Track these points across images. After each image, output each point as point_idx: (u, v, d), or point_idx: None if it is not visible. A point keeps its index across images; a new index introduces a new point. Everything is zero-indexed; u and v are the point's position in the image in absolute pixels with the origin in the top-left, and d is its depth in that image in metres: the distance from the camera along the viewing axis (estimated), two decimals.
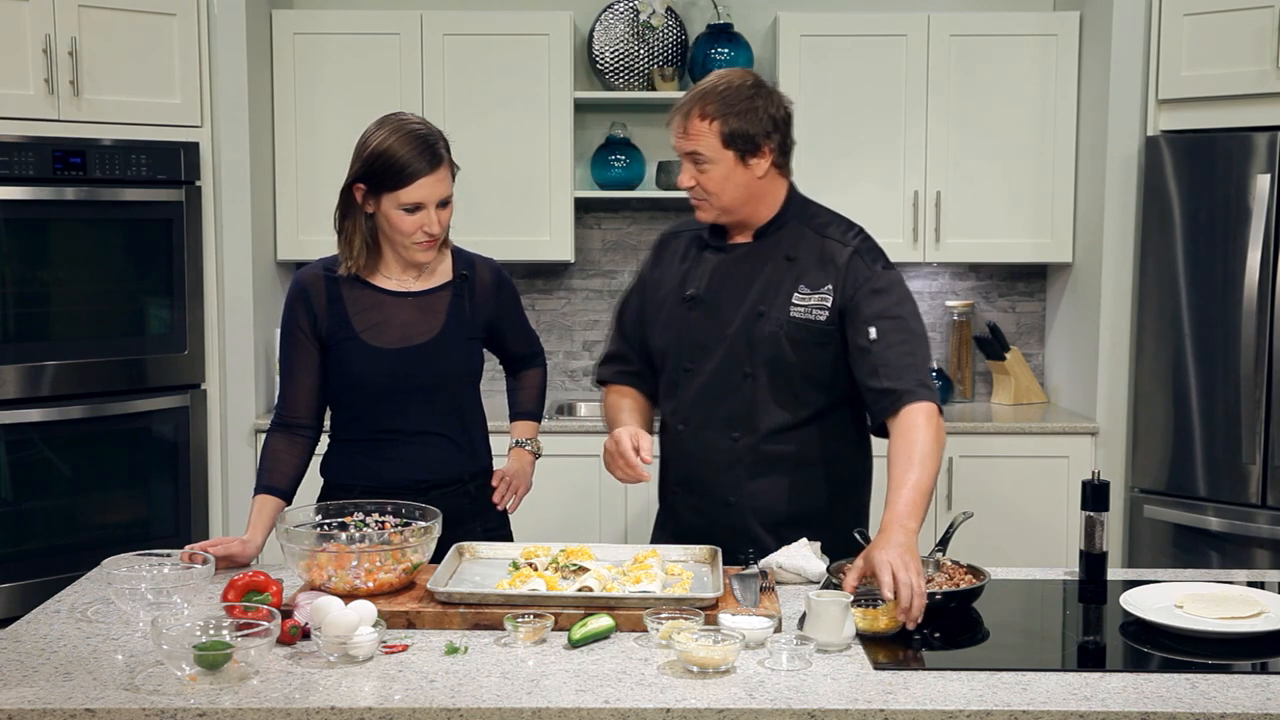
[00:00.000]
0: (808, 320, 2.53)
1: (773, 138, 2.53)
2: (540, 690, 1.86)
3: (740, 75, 2.55)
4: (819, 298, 2.54)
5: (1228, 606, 2.18)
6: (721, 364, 2.57)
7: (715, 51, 4.60)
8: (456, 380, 2.67)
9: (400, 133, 2.53)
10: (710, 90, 2.50)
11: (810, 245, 2.59)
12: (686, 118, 2.50)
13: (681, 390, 2.62)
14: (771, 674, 1.93)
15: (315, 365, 2.64)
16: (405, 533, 2.27)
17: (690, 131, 2.50)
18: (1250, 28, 3.94)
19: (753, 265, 2.59)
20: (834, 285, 2.54)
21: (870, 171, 4.54)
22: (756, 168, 2.53)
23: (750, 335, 2.55)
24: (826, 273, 2.56)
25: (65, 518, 4.06)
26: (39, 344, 3.96)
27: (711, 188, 2.52)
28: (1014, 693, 1.86)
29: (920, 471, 2.34)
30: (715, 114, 2.48)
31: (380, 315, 2.62)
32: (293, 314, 2.65)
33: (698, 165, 2.51)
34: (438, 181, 2.54)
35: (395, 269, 2.65)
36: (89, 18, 3.95)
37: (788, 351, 2.53)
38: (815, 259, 2.57)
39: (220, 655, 1.89)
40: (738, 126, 2.48)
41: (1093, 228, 4.41)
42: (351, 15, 4.56)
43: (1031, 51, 4.52)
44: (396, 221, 2.55)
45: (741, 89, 2.50)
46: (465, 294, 2.68)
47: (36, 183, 3.90)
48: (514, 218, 4.53)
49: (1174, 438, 4.11)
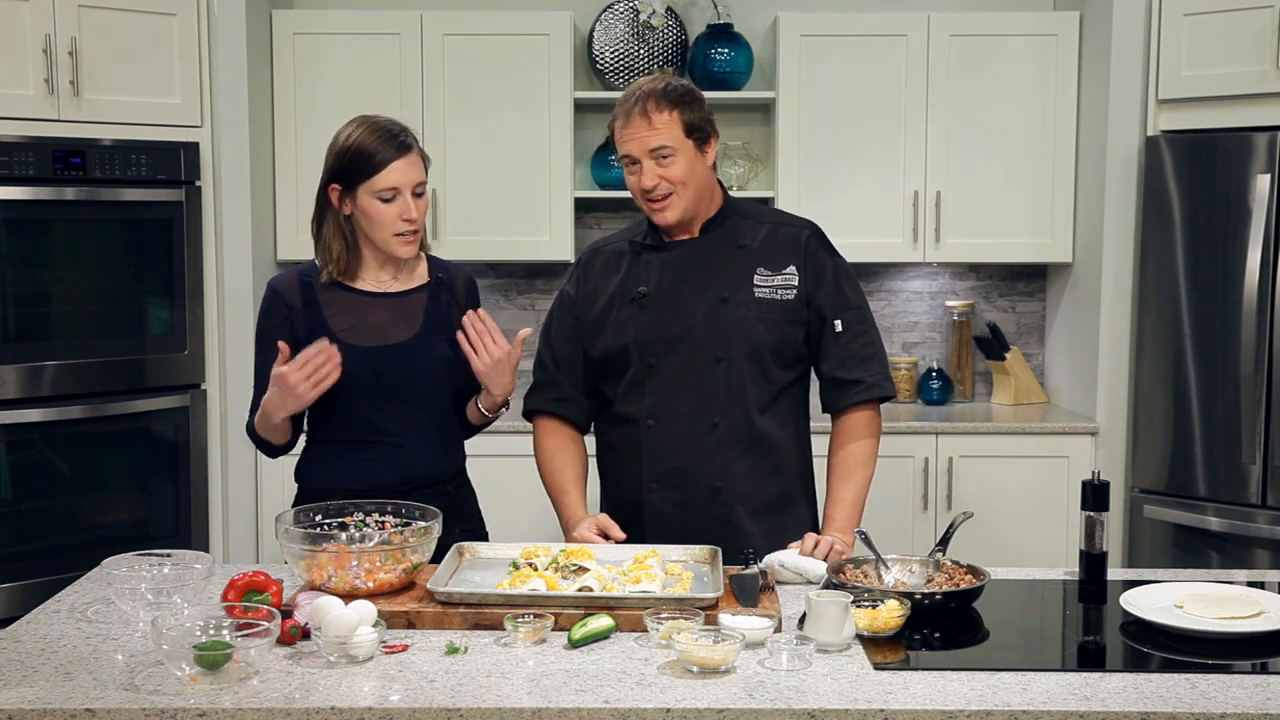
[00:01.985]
0: (774, 299, 2.63)
1: (713, 125, 2.63)
2: (540, 690, 1.86)
3: (664, 75, 2.63)
4: (783, 278, 2.64)
5: (1228, 606, 2.18)
6: (689, 354, 2.62)
7: (715, 51, 4.60)
8: (433, 381, 2.66)
9: (367, 125, 2.58)
10: (654, 88, 2.58)
11: (757, 234, 2.69)
12: (646, 114, 2.55)
13: (648, 387, 2.65)
14: (771, 674, 1.93)
15: None
16: (405, 533, 2.27)
17: (655, 124, 2.55)
18: (1250, 28, 3.95)
19: (706, 257, 2.66)
20: (797, 266, 2.65)
21: (870, 171, 4.54)
22: (707, 156, 2.62)
23: (719, 320, 2.61)
24: (786, 255, 2.65)
25: (65, 518, 4.06)
26: (39, 344, 3.96)
27: (678, 178, 2.58)
28: (1014, 693, 1.86)
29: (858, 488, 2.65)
30: (672, 105, 2.56)
31: (357, 315, 2.63)
32: (267, 320, 2.66)
33: (662, 160, 2.57)
34: (409, 166, 2.57)
35: (373, 270, 2.66)
36: (89, 18, 3.95)
37: (759, 330, 2.61)
38: (767, 244, 2.67)
39: (220, 655, 1.89)
40: (693, 116, 2.58)
41: (1093, 228, 4.42)
42: (351, 15, 4.56)
43: (1031, 51, 4.52)
44: (375, 214, 2.56)
45: (679, 84, 2.61)
46: (441, 296, 2.70)
47: (36, 183, 3.90)
48: (514, 218, 4.53)
49: (1174, 438, 4.11)
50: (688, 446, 2.63)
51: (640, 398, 2.66)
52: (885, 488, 4.09)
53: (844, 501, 2.63)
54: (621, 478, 2.72)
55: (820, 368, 2.69)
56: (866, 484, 2.67)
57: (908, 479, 4.37)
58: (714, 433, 2.62)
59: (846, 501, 2.63)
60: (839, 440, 2.69)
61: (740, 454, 2.63)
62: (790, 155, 4.54)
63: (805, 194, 4.52)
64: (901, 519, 4.37)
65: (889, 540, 2.69)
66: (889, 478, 4.22)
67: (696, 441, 2.62)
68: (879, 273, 4.90)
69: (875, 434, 2.71)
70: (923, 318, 4.94)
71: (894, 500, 4.32)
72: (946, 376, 4.84)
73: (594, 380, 2.74)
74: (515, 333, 2.60)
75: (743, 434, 2.63)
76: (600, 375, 2.72)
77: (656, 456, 2.65)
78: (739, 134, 4.78)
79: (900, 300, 4.94)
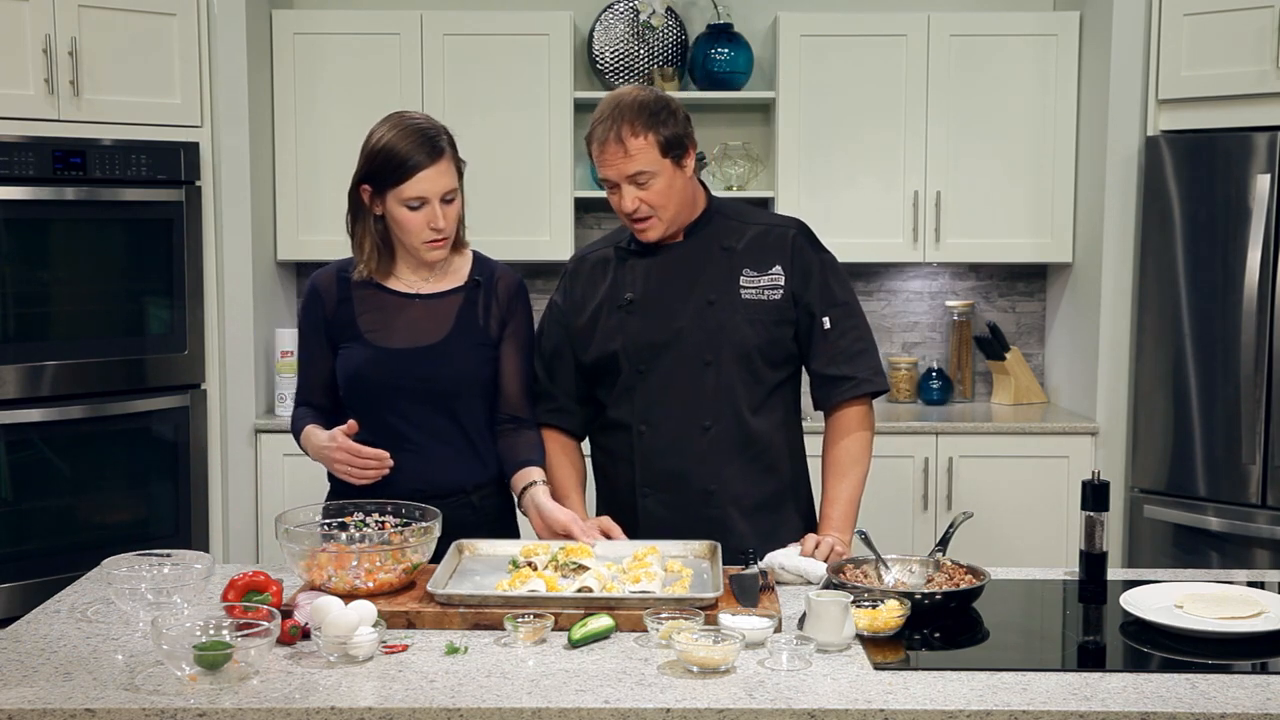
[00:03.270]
0: (760, 300, 2.62)
1: (690, 138, 2.60)
2: (540, 690, 1.86)
3: (635, 89, 2.59)
4: (769, 279, 2.63)
5: (1228, 606, 2.18)
6: (677, 358, 2.61)
7: (715, 51, 4.60)
8: (462, 385, 2.62)
9: (400, 128, 2.53)
10: (628, 108, 2.52)
11: (742, 234, 2.67)
12: (621, 140, 2.50)
13: (638, 392, 2.64)
14: (771, 674, 1.93)
15: (328, 363, 2.66)
16: (405, 533, 2.27)
17: (631, 150, 2.50)
18: (1250, 28, 3.94)
19: (691, 260, 2.64)
20: (783, 265, 2.63)
21: (870, 171, 4.54)
22: (686, 169, 2.59)
23: (706, 324, 2.60)
24: (771, 254, 2.64)
25: (65, 518, 4.06)
26: (39, 344, 3.96)
27: (657, 201, 2.55)
28: (1014, 693, 1.86)
29: (854, 485, 2.64)
30: (646, 127, 2.51)
31: (386, 316, 2.61)
32: (306, 313, 2.69)
33: (640, 184, 2.53)
34: (439, 174, 2.52)
35: (408, 271, 2.64)
36: (89, 18, 3.95)
37: (747, 331, 2.60)
38: (752, 244, 2.65)
39: (220, 655, 1.89)
40: (669, 133, 2.53)
41: (1093, 228, 4.42)
42: (351, 15, 4.56)
43: (1031, 51, 4.52)
44: (403, 220, 2.54)
45: (650, 98, 2.55)
46: (479, 300, 2.65)
47: (36, 183, 3.90)
48: (514, 217, 4.53)
49: (1174, 438, 4.11)
50: (680, 451, 2.62)
51: (631, 404, 2.65)
52: (885, 488, 4.10)
53: (840, 499, 2.62)
54: (616, 481, 2.72)
55: (810, 365, 2.68)
56: (862, 480, 2.66)
57: (907, 479, 4.37)
58: (705, 436, 2.61)
59: (843, 499, 2.62)
60: (832, 437, 2.68)
61: (732, 456, 2.62)
62: (790, 155, 4.54)
63: (805, 194, 4.52)
64: (901, 519, 4.37)
65: (889, 540, 2.68)
66: (888, 478, 4.22)
67: (688, 446, 2.62)
68: (879, 273, 4.90)
69: (869, 428, 2.68)
70: (923, 318, 4.94)
71: (894, 500, 4.32)
72: (946, 376, 4.84)
73: (588, 387, 2.73)
74: None
75: (734, 436, 2.62)
76: (593, 381, 2.71)
77: (649, 461, 2.65)
78: (739, 134, 4.78)
79: (900, 300, 4.94)
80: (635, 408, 2.65)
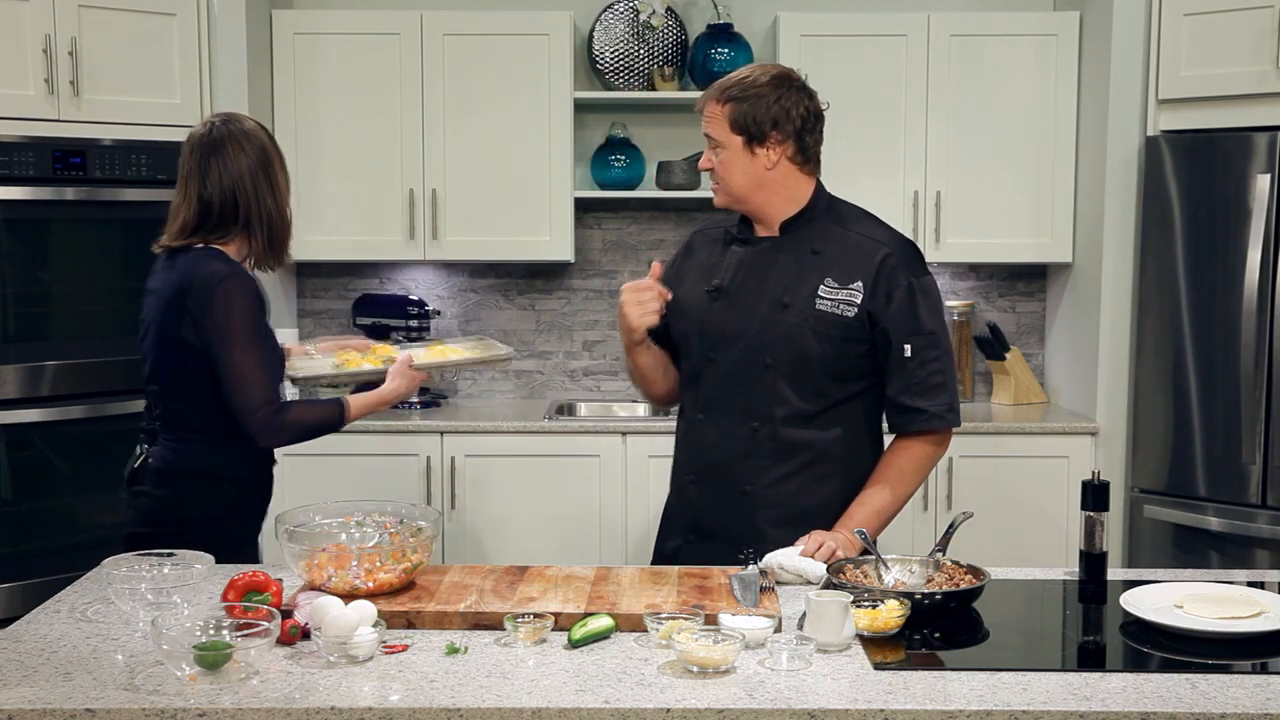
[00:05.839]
0: (833, 314, 2.56)
1: (784, 130, 2.56)
2: (540, 690, 1.86)
3: (768, 69, 2.62)
4: (847, 293, 2.56)
5: (1228, 606, 2.18)
6: (743, 354, 2.60)
7: (715, 51, 4.60)
8: None
9: None
10: (733, 78, 2.60)
11: (838, 240, 2.61)
12: (705, 102, 2.62)
13: (703, 379, 2.66)
14: (771, 674, 1.93)
15: None
16: (405, 533, 2.27)
17: (707, 113, 2.61)
18: (1250, 28, 3.94)
19: (777, 258, 2.62)
20: (865, 283, 2.56)
21: (870, 171, 4.53)
22: (764, 158, 2.57)
23: (773, 326, 2.58)
24: (857, 269, 2.57)
25: (65, 518, 4.06)
26: (39, 344, 3.96)
27: (721, 172, 2.62)
28: (1014, 693, 1.86)
29: (890, 498, 2.60)
30: (727, 99, 2.57)
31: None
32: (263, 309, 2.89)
33: (713, 148, 2.61)
34: None
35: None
36: (89, 18, 3.95)
37: (811, 343, 2.55)
38: (843, 254, 2.59)
39: (220, 655, 1.89)
40: (745, 112, 2.55)
41: (1093, 228, 4.42)
42: (351, 15, 4.56)
43: (1031, 51, 4.52)
44: None
45: (759, 80, 2.58)
46: None
47: (36, 183, 3.90)
48: (514, 218, 4.53)
49: (1174, 438, 4.11)
50: (728, 445, 2.62)
51: (696, 390, 2.68)
52: None
53: (868, 505, 2.57)
54: (676, 460, 2.77)
55: (887, 390, 2.61)
56: (901, 499, 2.61)
57: None
58: (752, 437, 2.60)
59: (871, 507, 2.57)
60: (890, 453, 2.65)
61: (774, 462, 2.60)
62: None
63: None
64: (901, 519, 4.28)
65: (889, 540, 2.68)
66: None
67: (734, 443, 2.61)
68: None
69: (928, 461, 2.64)
70: None
71: None
72: None
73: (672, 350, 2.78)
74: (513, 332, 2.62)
75: (778, 442, 2.59)
76: (675, 353, 2.77)
77: (699, 451, 2.67)
78: None
79: None
80: (699, 395, 2.67)
